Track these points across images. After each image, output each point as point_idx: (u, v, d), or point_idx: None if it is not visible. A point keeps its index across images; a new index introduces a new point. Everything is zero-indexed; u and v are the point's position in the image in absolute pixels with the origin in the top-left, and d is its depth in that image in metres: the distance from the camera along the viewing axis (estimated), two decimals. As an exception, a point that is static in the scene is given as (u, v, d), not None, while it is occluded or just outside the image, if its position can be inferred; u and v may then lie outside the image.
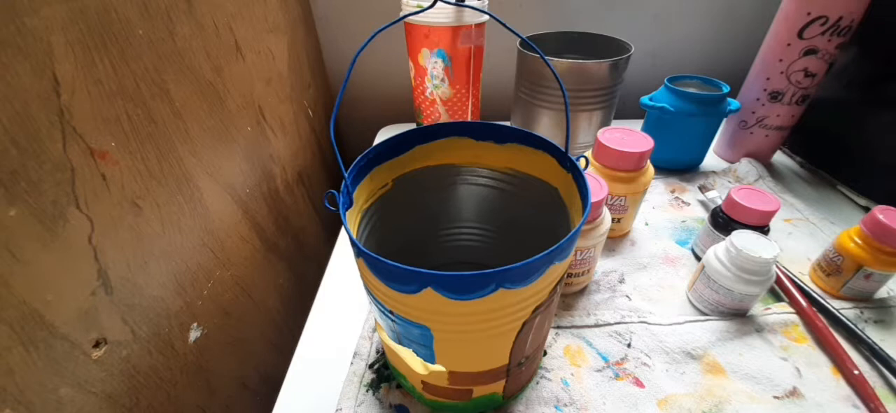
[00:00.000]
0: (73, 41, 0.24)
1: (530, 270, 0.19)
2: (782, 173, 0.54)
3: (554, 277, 0.21)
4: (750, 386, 0.30)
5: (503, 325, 0.22)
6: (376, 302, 0.23)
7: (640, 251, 0.41)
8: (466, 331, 0.21)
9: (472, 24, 0.46)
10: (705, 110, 0.48)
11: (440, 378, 0.25)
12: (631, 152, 0.37)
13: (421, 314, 0.21)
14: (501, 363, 0.24)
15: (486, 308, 0.20)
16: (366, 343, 0.33)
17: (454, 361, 0.24)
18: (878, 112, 0.46)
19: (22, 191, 0.22)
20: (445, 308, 0.20)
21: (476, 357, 0.24)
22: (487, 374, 0.25)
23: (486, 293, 0.19)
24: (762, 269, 0.31)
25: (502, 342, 0.23)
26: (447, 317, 0.20)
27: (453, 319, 0.21)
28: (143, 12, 0.29)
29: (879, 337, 0.32)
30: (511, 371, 0.25)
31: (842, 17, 0.42)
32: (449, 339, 0.22)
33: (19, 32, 0.21)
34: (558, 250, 0.19)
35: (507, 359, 0.24)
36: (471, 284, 0.18)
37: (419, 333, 0.22)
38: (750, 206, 0.35)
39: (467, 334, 0.22)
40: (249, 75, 0.44)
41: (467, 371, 0.24)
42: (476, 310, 0.20)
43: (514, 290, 0.19)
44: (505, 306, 0.20)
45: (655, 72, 0.68)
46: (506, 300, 0.20)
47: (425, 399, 0.28)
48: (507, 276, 0.19)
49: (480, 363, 0.24)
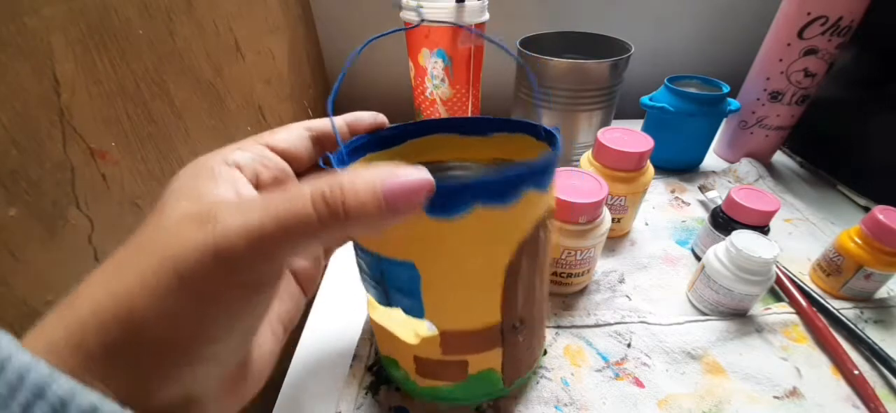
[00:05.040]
0: (73, 41, 0.24)
1: (506, 187, 0.19)
2: (782, 173, 0.54)
3: (535, 212, 0.21)
4: (750, 386, 0.30)
5: (488, 259, 0.21)
6: (362, 254, 0.22)
7: (640, 251, 0.41)
8: (451, 267, 0.21)
9: (472, 24, 0.46)
10: (705, 110, 0.48)
11: (432, 346, 0.24)
12: (631, 152, 0.37)
13: (404, 246, 0.20)
14: (494, 320, 0.23)
15: (469, 234, 0.19)
16: (366, 345, 0.33)
17: (443, 314, 0.23)
18: (877, 112, 0.46)
19: (22, 191, 0.22)
20: (427, 232, 0.19)
21: (465, 307, 0.23)
22: (481, 337, 0.24)
23: (465, 208, 0.18)
24: (762, 269, 0.31)
25: (491, 288, 0.22)
26: (430, 245, 0.20)
27: (436, 249, 0.20)
28: (143, 12, 0.29)
29: (879, 337, 0.32)
30: (506, 337, 0.24)
31: (842, 17, 0.42)
32: (435, 280, 0.21)
33: (19, 32, 0.21)
34: (533, 173, 0.19)
35: (498, 315, 0.23)
36: (449, 195, 0.18)
37: (405, 276, 0.21)
38: (750, 206, 0.35)
39: (453, 272, 0.21)
40: (249, 75, 0.44)
41: (459, 329, 0.23)
42: (458, 235, 0.19)
43: (493, 210, 0.19)
44: (486, 232, 0.20)
45: (655, 72, 0.68)
46: (486, 223, 0.19)
47: (419, 389, 0.27)
48: (483, 190, 0.18)
49: (471, 317, 0.23)
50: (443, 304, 0.22)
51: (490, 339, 0.24)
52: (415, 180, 0.15)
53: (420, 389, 0.27)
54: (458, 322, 0.23)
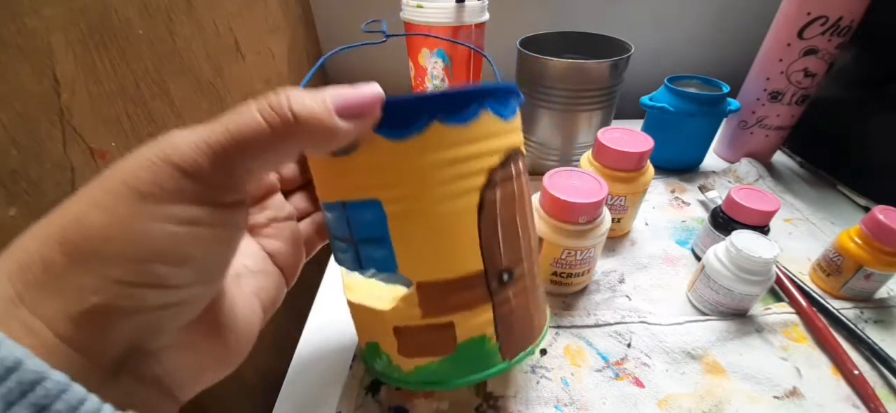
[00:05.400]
0: (73, 41, 0.24)
1: (461, 101, 0.18)
2: (782, 173, 0.54)
3: (499, 140, 0.20)
4: (750, 386, 0.30)
5: (457, 187, 0.19)
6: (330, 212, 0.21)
7: (640, 251, 0.41)
8: (417, 198, 0.19)
9: (472, 25, 0.46)
10: (705, 110, 0.48)
11: (411, 308, 0.21)
12: (631, 152, 0.37)
13: (366, 182, 0.19)
14: (474, 267, 0.21)
15: (430, 155, 0.18)
16: (366, 343, 0.33)
17: (417, 261, 0.20)
18: (877, 112, 0.46)
19: (22, 191, 0.22)
20: (386, 159, 0.18)
21: (439, 249, 0.20)
22: (463, 288, 0.21)
23: (421, 124, 0.18)
24: (762, 269, 0.31)
25: (464, 224, 0.20)
26: (391, 174, 0.19)
27: (398, 177, 0.19)
28: (143, 12, 0.29)
29: (879, 337, 0.32)
30: (495, 292, 0.21)
31: (842, 17, 0.42)
32: (402, 218, 0.19)
33: (19, 32, 0.21)
34: (489, 91, 0.19)
35: (479, 261, 0.20)
36: (402, 109, 0.17)
37: (371, 218, 0.20)
38: (750, 206, 0.35)
39: (420, 206, 0.19)
40: (249, 75, 0.44)
41: (436, 278, 0.20)
42: (418, 157, 0.18)
43: (452, 128, 0.18)
44: (449, 153, 0.18)
45: (655, 72, 0.68)
46: (446, 141, 0.18)
47: (405, 375, 0.24)
48: (437, 104, 0.18)
49: (448, 262, 0.20)
50: (416, 249, 0.20)
51: (474, 291, 0.21)
52: (364, 91, 0.16)
53: (406, 375, 0.24)
54: (435, 270, 0.21)
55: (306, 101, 0.14)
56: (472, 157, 0.19)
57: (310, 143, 0.15)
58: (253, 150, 0.14)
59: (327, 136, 0.15)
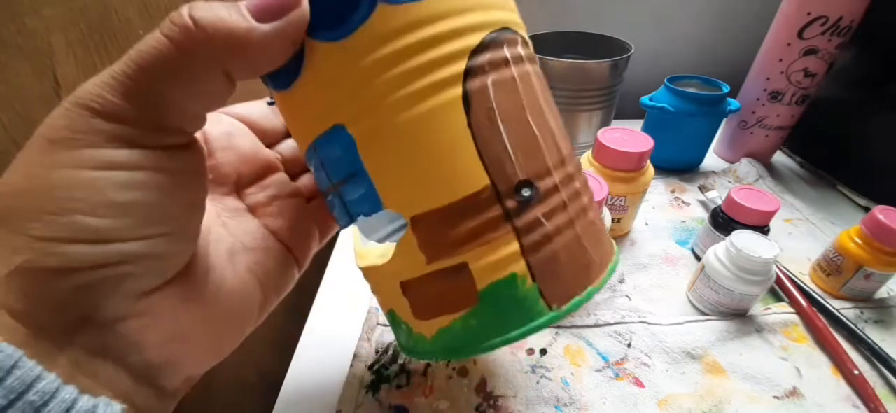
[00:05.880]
0: (73, 41, 0.24)
1: None
2: (782, 173, 0.54)
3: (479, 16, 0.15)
4: (750, 386, 0.30)
5: (430, 83, 0.15)
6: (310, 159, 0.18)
7: (640, 251, 0.41)
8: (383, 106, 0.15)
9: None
10: (705, 110, 0.48)
11: (411, 253, 0.17)
12: (631, 152, 0.37)
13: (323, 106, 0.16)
14: (479, 181, 0.16)
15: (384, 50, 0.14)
16: (365, 344, 0.33)
17: (404, 189, 0.16)
18: (877, 112, 0.46)
19: (22, 191, 0.22)
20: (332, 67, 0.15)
21: (427, 168, 0.16)
22: (469, 211, 0.16)
23: (363, 12, 0.14)
24: (762, 269, 0.31)
25: (451, 123, 0.15)
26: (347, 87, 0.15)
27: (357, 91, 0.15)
28: (143, 12, 0.29)
29: (879, 337, 0.32)
30: (511, 209, 0.16)
31: (842, 17, 0.42)
32: (373, 136, 0.16)
33: (20, 32, 0.21)
34: None
35: (483, 171, 0.16)
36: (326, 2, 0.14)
37: (340, 150, 0.16)
38: (750, 206, 0.35)
39: (389, 115, 0.15)
40: (249, 75, 0.44)
41: (433, 207, 0.16)
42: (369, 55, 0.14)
43: (405, 7, 0.14)
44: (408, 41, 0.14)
45: (655, 72, 0.68)
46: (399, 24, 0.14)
47: (428, 344, 0.19)
48: None
49: (443, 181, 0.16)
50: (397, 176, 0.16)
51: (485, 215, 0.16)
52: None
53: (430, 344, 0.19)
54: (427, 196, 0.16)
55: (212, 7, 0.12)
56: (440, 39, 0.15)
57: (226, 56, 0.13)
58: (162, 75, 0.12)
59: (243, 44, 0.12)
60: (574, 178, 0.18)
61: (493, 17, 0.16)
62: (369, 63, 0.14)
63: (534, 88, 0.17)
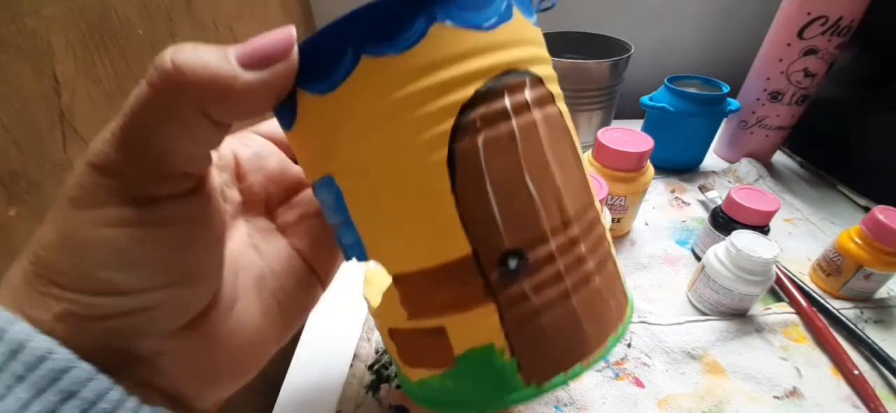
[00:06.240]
0: (73, 41, 0.24)
1: (393, 15, 0.13)
2: (782, 173, 0.54)
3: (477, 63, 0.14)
4: (750, 386, 0.30)
5: (412, 141, 0.14)
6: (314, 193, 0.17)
7: (640, 251, 0.41)
8: (368, 166, 0.14)
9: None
10: (705, 110, 0.48)
11: (396, 309, 0.17)
12: (631, 152, 0.37)
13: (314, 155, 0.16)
14: (460, 249, 0.14)
15: (367, 106, 0.13)
16: (365, 344, 0.33)
17: (386, 246, 0.16)
18: (877, 112, 0.46)
19: (22, 191, 0.22)
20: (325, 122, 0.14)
21: (409, 228, 0.15)
22: (448, 278, 0.15)
23: (347, 66, 0.13)
24: (762, 269, 0.31)
25: (433, 186, 0.14)
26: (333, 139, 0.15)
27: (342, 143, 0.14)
28: (142, 12, 0.29)
29: (879, 337, 0.32)
30: (493, 280, 0.15)
31: (842, 17, 0.42)
32: (358, 192, 0.15)
33: (19, 32, 0.21)
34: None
35: (464, 239, 0.14)
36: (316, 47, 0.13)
37: (331, 198, 0.16)
38: (750, 206, 0.35)
39: (374, 174, 0.15)
40: (249, 75, 0.44)
41: (413, 269, 0.15)
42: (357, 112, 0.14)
43: (390, 60, 0.13)
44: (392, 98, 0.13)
45: (655, 72, 0.68)
46: (383, 79, 0.13)
47: (413, 386, 0.19)
48: (361, 30, 0.13)
49: (423, 244, 0.15)
50: (379, 232, 0.16)
51: (466, 285, 0.15)
52: (271, 33, 0.13)
53: (414, 386, 0.19)
54: (407, 257, 0.15)
55: (197, 50, 0.12)
56: (427, 94, 0.13)
57: (206, 100, 0.12)
58: (149, 122, 0.12)
59: (225, 89, 0.12)
60: (579, 242, 0.16)
61: (495, 60, 0.14)
62: (353, 119, 0.14)
63: (539, 141, 0.15)
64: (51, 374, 0.12)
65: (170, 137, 0.13)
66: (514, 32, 0.14)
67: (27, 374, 0.11)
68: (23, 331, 0.12)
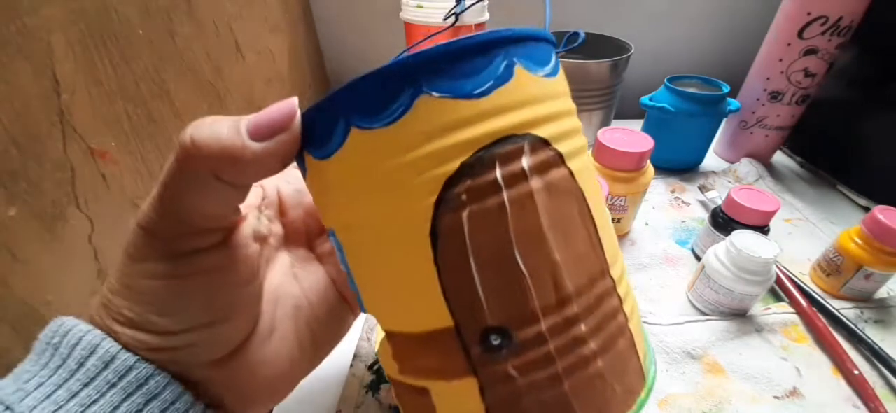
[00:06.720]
0: (73, 41, 0.24)
1: (379, 88, 0.13)
2: (782, 173, 0.54)
3: (465, 133, 0.13)
4: (750, 386, 0.30)
5: (395, 208, 0.14)
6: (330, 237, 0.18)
7: (640, 251, 0.41)
8: (361, 229, 0.15)
9: (473, 24, 0.46)
10: (705, 110, 0.48)
11: (389, 360, 0.17)
12: (631, 152, 0.37)
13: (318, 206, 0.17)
14: (442, 320, 0.14)
15: (357, 173, 0.14)
16: (365, 344, 0.33)
17: (380, 304, 0.17)
18: (877, 112, 0.46)
19: (22, 191, 0.22)
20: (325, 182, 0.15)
21: (396, 292, 0.15)
22: (433, 345, 0.15)
23: (340, 137, 0.14)
24: (762, 269, 0.31)
25: (416, 258, 0.14)
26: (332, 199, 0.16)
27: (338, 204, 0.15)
28: (143, 12, 0.29)
29: (879, 337, 0.32)
30: (473, 354, 0.14)
31: (842, 17, 0.42)
32: (353, 248, 0.16)
33: (19, 32, 0.21)
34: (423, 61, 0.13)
35: (446, 310, 0.14)
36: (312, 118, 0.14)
37: (338, 252, 0.17)
38: (750, 206, 0.35)
39: (366, 238, 0.15)
40: (249, 75, 0.44)
41: (402, 330, 0.16)
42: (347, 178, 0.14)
43: (371, 134, 0.13)
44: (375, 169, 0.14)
45: (655, 72, 0.68)
46: (369, 151, 0.13)
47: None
48: (348, 103, 0.13)
49: (409, 310, 0.15)
50: (373, 289, 0.16)
51: (448, 355, 0.15)
52: (276, 105, 0.15)
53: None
54: (398, 319, 0.16)
55: (215, 125, 0.14)
56: (412, 166, 0.13)
57: (220, 168, 0.14)
58: (177, 190, 0.14)
59: (235, 158, 0.14)
60: (578, 321, 0.15)
61: (486, 128, 0.13)
62: (344, 186, 0.15)
63: (535, 211, 0.14)
64: (137, 380, 0.14)
65: (193, 200, 0.15)
66: (514, 94, 0.14)
67: (117, 381, 0.14)
68: (112, 347, 0.14)
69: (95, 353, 0.14)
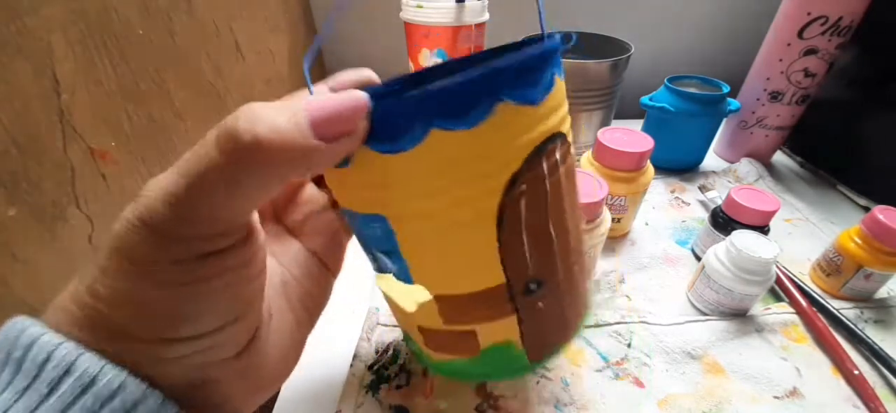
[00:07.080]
0: (73, 41, 0.24)
1: (464, 97, 0.14)
2: (782, 173, 0.54)
3: (521, 135, 0.16)
4: (750, 386, 0.30)
5: (468, 202, 0.16)
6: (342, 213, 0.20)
7: (640, 251, 0.41)
8: (424, 216, 0.17)
9: (473, 24, 0.46)
10: (705, 110, 0.48)
11: (432, 315, 0.20)
12: (631, 152, 0.37)
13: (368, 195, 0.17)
14: (496, 280, 0.18)
15: (432, 169, 0.15)
16: (366, 345, 0.33)
17: (432, 277, 0.19)
18: (878, 112, 0.46)
19: (22, 191, 0.22)
20: (385, 174, 0.16)
21: (456, 267, 0.18)
22: (484, 302, 0.19)
23: (416, 133, 0.14)
24: (762, 269, 0.31)
25: (482, 242, 0.17)
26: (391, 190, 0.16)
27: (400, 194, 0.16)
28: (143, 12, 0.29)
29: (879, 337, 0.32)
30: (520, 303, 0.19)
31: (842, 17, 0.42)
32: (411, 235, 0.18)
33: (19, 32, 0.21)
34: (503, 72, 0.14)
35: (501, 274, 0.18)
36: (390, 116, 0.14)
37: (379, 233, 0.18)
38: (750, 206, 0.35)
39: (428, 224, 0.17)
40: (249, 75, 0.44)
41: (454, 293, 0.19)
42: (419, 173, 0.15)
43: (455, 134, 0.14)
44: (454, 166, 0.15)
45: (655, 72, 0.68)
46: (450, 152, 0.15)
47: (434, 363, 0.24)
48: (434, 104, 0.14)
49: (466, 278, 0.19)
50: (428, 266, 0.19)
51: (497, 304, 0.19)
52: (345, 98, 0.13)
53: (435, 363, 0.24)
54: (452, 285, 0.19)
55: (275, 119, 0.12)
56: (484, 163, 0.16)
57: (282, 171, 0.12)
58: (214, 190, 0.12)
59: (301, 161, 0.12)
60: (574, 263, 0.21)
61: (542, 129, 0.16)
62: (418, 179, 0.16)
63: (561, 193, 0.18)
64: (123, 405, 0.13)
65: (235, 201, 0.13)
66: (555, 99, 0.17)
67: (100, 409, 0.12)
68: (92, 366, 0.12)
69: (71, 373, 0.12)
